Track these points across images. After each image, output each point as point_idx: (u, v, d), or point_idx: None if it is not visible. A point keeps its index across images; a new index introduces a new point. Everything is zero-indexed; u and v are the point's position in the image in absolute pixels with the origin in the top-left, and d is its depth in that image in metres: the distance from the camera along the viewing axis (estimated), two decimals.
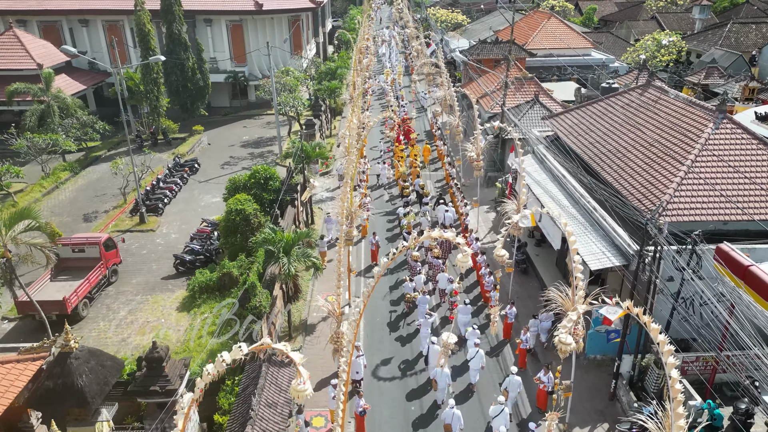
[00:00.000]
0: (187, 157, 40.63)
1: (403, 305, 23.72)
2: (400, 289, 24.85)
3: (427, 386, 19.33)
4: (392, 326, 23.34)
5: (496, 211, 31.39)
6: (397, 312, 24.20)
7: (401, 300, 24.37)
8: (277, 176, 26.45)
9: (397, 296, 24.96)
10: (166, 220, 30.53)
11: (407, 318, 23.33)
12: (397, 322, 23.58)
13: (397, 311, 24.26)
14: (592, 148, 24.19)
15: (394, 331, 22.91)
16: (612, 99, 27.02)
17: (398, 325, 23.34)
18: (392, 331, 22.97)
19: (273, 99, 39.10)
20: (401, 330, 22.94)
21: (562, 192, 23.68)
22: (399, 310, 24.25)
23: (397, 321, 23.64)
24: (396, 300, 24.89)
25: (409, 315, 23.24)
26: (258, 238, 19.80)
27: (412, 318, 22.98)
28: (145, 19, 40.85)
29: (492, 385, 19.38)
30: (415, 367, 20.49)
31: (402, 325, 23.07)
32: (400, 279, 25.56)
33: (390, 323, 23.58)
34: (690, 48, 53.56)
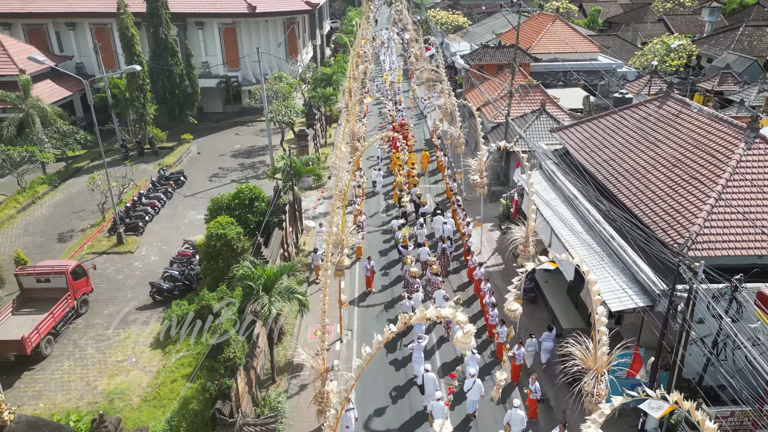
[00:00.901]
0: (173, 168, 38.56)
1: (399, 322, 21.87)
2: (396, 308, 23.20)
3: (423, 418, 17.63)
4: (388, 346, 21.58)
5: (501, 229, 29.31)
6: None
7: (398, 318, 22.52)
8: (264, 196, 24.37)
9: (394, 315, 23.06)
10: (146, 240, 28.46)
11: (404, 339, 21.55)
12: (393, 342, 21.75)
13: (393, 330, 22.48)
14: (606, 167, 22.10)
15: (391, 353, 21.29)
16: (626, 112, 24.94)
17: (395, 345, 21.56)
18: (388, 352, 21.31)
19: (264, 107, 37.01)
20: (397, 352, 21.27)
21: (575, 215, 21.59)
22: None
23: (394, 341, 21.72)
24: (393, 319, 22.87)
25: (406, 335, 21.61)
26: (236, 271, 17.71)
27: (409, 339, 21.26)
28: (129, 22, 38.80)
29: (492, 417, 17.67)
30: (409, 393, 18.85)
31: (398, 346, 21.40)
32: (397, 295, 23.85)
33: (387, 344, 21.76)
34: (701, 52, 51.46)
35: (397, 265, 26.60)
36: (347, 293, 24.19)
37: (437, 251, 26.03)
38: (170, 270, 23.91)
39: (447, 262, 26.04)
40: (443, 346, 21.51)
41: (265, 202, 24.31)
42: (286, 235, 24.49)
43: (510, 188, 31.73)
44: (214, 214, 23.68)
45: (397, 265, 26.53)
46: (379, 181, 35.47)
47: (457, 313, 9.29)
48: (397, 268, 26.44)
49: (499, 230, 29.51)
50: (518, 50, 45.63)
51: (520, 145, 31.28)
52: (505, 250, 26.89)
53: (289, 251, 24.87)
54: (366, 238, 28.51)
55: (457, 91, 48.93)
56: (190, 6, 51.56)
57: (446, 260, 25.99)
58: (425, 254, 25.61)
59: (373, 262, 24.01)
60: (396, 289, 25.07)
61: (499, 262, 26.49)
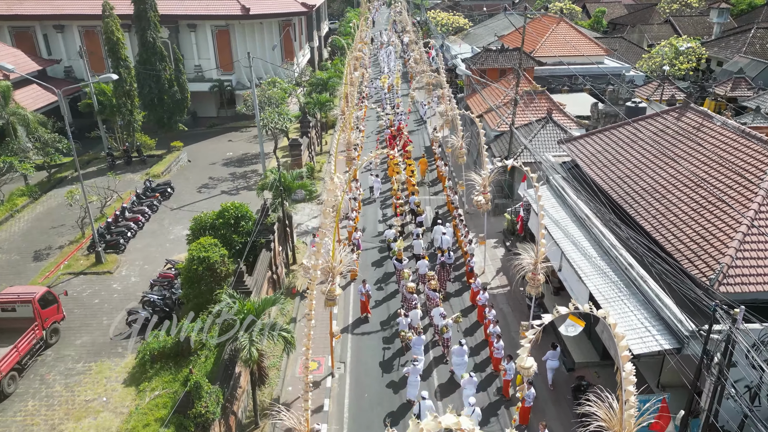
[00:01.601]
0: (161, 178, 36.79)
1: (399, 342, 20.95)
2: (392, 325, 21.99)
3: None
4: (385, 367, 20.29)
5: (505, 246, 27.56)
6: (390, 349, 21.02)
7: (395, 337, 21.30)
8: (251, 215, 22.60)
9: (391, 333, 21.86)
10: (127, 258, 26.70)
11: (401, 358, 20.37)
12: (390, 362, 20.49)
13: (390, 348, 21.05)
14: (621, 185, 20.35)
15: (387, 373, 19.91)
16: (641, 123, 23.18)
17: (391, 365, 20.31)
18: (385, 373, 19.94)
19: (255, 115, 35.28)
20: (394, 372, 19.86)
21: (587, 237, 19.82)
22: (393, 347, 21.06)
23: (390, 361, 20.54)
24: (389, 337, 21.70)
25: (404, 354, 20.45)
26: (212, 308, 15.95)
27: (407, 358, 20.02)
28: (114, 26, 37.04)
29: None
30: (405, 419, 17.39)
31: (395, 366, 20.15)
32: (393, 311, 22.60)
33: (382, 363, 20.42)
34: (710, 55, 49.67)
35: (392, 278, 25.27)
36: (340, 319, 22.48)
37: (436, 263, 24.72)
38: (150, 294, 22.15)
39: (446, 275, 24.65)
40: (441, 367, 20.17)
41: (252, 220, 22.56)
42: (275, 256, 22.73)
43: (515, 201, 30.00)
44: (196, 235, 21.94)
45: (393, 278, 25.23)
46: (376, 187, 34.00)
47: (463, 421, 7.45)
48: (393, 282, 25.09)
49: (503, 247, 27.76)
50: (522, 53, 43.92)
51: (526, 157, 29.57)
52: (510, 270, 25.22)
53: (278, 273, 23.13)
54: (362, 255, 26.80)
55: (458, 96, 47.19)
56: (181, 8, 49.86)
57: (445, 273, 24.62)
58: (424, 267, 24.33)
59: (368, 285, 22.27)
60: (392, 304, 23.70)
61: (504, 284, 24.74)
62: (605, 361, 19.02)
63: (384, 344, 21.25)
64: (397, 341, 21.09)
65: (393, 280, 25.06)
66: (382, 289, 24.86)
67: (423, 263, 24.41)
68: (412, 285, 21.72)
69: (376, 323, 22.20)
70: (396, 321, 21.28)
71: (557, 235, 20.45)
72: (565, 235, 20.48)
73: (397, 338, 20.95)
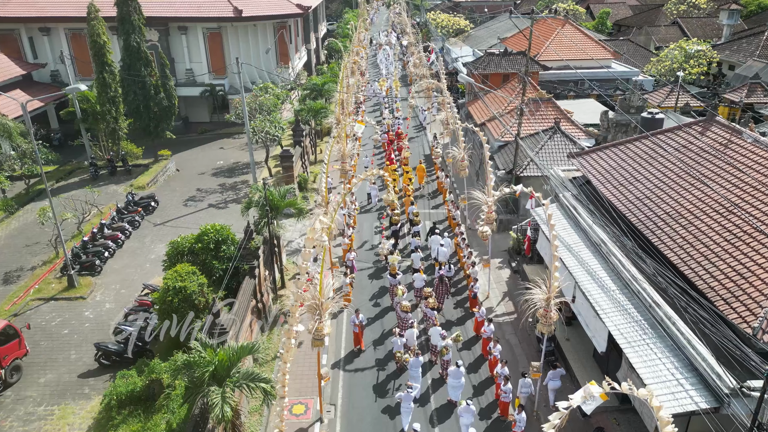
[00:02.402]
0: (147, 189, 34.88)
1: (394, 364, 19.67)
2: (386, 344, 20.66)
3: None
4: (378, 391, 18.82)
5: (511, 267, 25.62)
6: (386, 371, 19.58)
7: (390, 358, 19.94)
8: (233, 238, 20.66)
9: (384, 353, 20.42)
10: (103, 281, 24.77)
11: (397, 380, 19.08)
12: (384, 385, 19.01)
13: (386, 370, 19.65)
14: (641, 207, 18.41)
15: (381, 397, 18.44)
16: (660, 137, 21.24)
17: (386, 389, 18.84)
18: (378, 397, 18.46)
19: (245, 123, 33.36)
20: (389, 397, 18.37)
21: (604, 267, 17.87)
22: (388, 369, 19.68)
23: (384, 384, 19.07)
24: (383, 358, 20.23)
25: (400, 376, 19.18)
26: (178, 360, 13.98)
27: (402, 380, 18.84)
28: (100, 29, 35.13)
29: None
30: None
31: (390, 390, 18.76)
32: (387, 329, 21.32)
33: (376, 386, 18.97)
34: (722, 58, 47.72)
35: (386, 294, 23.83)
36: (331, 352, 20.53)
37: (434, 277, 23.31)
38: (123, 325, 20.21)
39: (445, 290, 23.08)
40: (440, 391, 18.64)
41: (234, 244, 20.62)
42: (260, 283, 20.79)
43: (520, 217, 28.08)
44: (173, 261, 20.02)
45: (387, 293, 23.80)
46: (374, 194, 32.33)
47: None
48: (387, 297, 23.67)
49: (509, 267, 25.81)
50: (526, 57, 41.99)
51: (532, 170, 27.66)
52: (516, 294, 23.32)
53: (264, 301, 21.18)
54: (357, 276, 24.85)
55: (458, 101, 45.28)
56: (172, 10, 48.00)
57: (444, 288, 23.03)
58: (420, 281, 22.87)
59: (362, 315, 20.31)
60: (387, 320, 22.24)
61: (511, 311, 22.78)
62: (625, 405, 17.08)
63: (377, 366, 19.90)
64: (391, 363, 19.76)
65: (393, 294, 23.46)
66: (378, 305, 23.35)
67: (419, 277, 22.98)
68: (406, 304, 20.20)
69: (371, 358, 20.28)
70: (391, 341, 19.86)
71: (570, 263, 18.52)
72: (578, 262, 18.56)
73: (392, 360, 19.69)
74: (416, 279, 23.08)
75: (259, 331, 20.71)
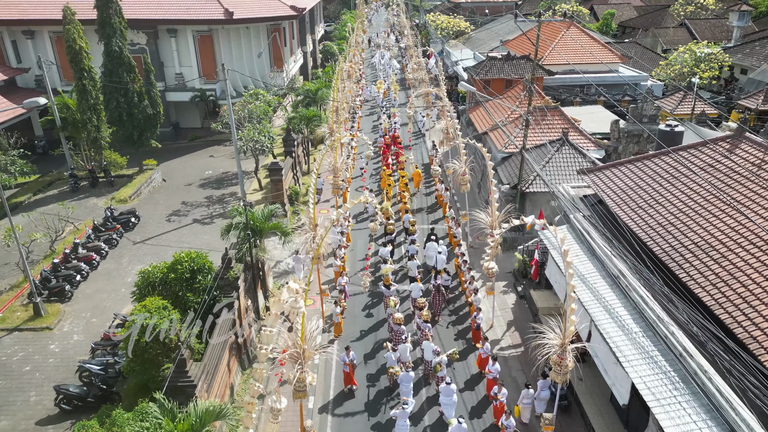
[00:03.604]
0: (129, 203, 32.94)
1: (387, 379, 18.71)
2: (378, 358, 19.78)
3: None
4: (370, 408, 17.76)
5: (517, 292, 23.65)
6: (377, 387, 18.61)
7: (382, 373, 18.98)
8: (210, 266, 18.68)
9: (376, 368, 19.39)
10: (73, 309, 22.80)
11: (390, 396, 18.13)
12: (376, 402, 18.00)
13: (376, 386, 18.66)
14: (664, 235, 16.43)
15: (373, 416, 17.48)
16: (681, 153, 19.27)
17: (378, 406, 17.82)
18: (370, 416, 17.48)
19: (232, 133, 31.38)
20: (381, 414, 17.27)
21: (624, 303, 15.90)
22: (380, 385, 18.69)
23: (377, 401, 18.06)
24: (374, 373, 19.22)
25: (392, 392, 18.25)
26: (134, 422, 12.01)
27: (396, 396, 17.82)
28: (77, 33, 33.17)
29: None
30: None
31: (383, 408, 17.77)
32: (379, 342, 20.35)
33: (368, 403, 17.97)
34: (734, 62, 45.73)
35: (380, 304, 22.67)
36: (319, 392, 18.55)
37: (430, 285, 22.47)
38: (88, 363, 18.25)
39: (442, 300, 21.94)
40: (434, 408, 17.47)
41: (212, 273, 18.65)
42: (240, 316, 18.81)
43: (525, 235, 26.12)
44: (143, 293, 18.02)
45: (381, 304, 22.66)
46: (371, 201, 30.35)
47: None
48: (381, 307, 22.55)
49: (514, 292, 23.84)
50: (530, 62, 40.02)
51: (538, 185, 25.69)
52: (523, 324, 21.39)
53: (245, 335, 19.20)
54: (350, 302, 22.89)
55: (459, 107, 43.33)
56: (160, 12, 46.10)
57: (441, 298, 21.90)
58: (417, 291, 21.88)
59: (353, 353, 18.31)
60: (380, 333, 21.20)
61: (517, 343, 20.80)
62: None
63: (368, 381, 18.85)
64: (383, 378, 18.78)
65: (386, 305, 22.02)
66: (371, 316, 22.36)
67: (416, 286, 22.02)
68: (399, 316, 19.24)
69: (362, 400, 18.32)
70: (384, 356, 18.85)
71: (585, 297, 16.56)
72: (594, 296, 16.59)
73: (384, 375, 18.77)
74: (413, 289, 22.14)
75: (239, 370, 18.74)
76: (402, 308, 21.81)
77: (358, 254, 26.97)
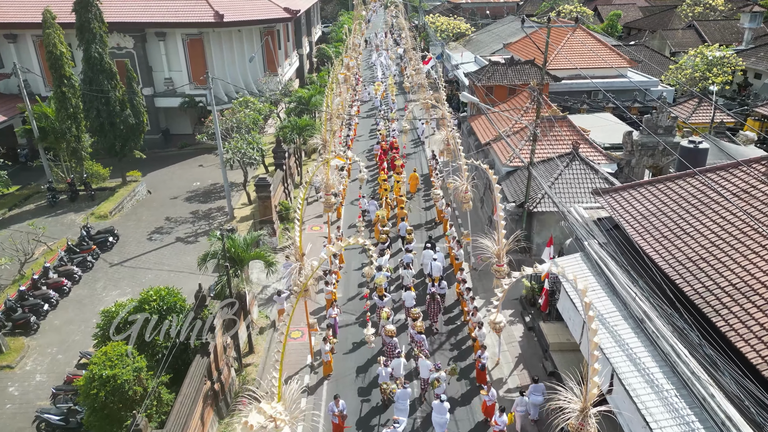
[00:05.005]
0: (109, 219, 30.97)
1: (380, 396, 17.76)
2: (371, 372, 18.81)
3: None
4: (363, 426, 16.83)
5: (525, 323, 21.65)
6: (370, 402, 17.66)
7: (374, 388, 18.07)
8: (183, 304, 16.71)
9: (368, 382, 18.56)
10: (38, 343, 20.83)
11: (383, 415, 17.16)
12: (368, 420, 17.08)
13: (370, 401, 17.72)
14: (696, 273, 14.42)
15: None
16: (710, 176, 17.28)
17: (370, 425, 16.88)
18: None
19: (218, 146, 29.46)
20: None
21: (652, 352, 13.91)
22: (373, 401, 17.72)
23: (369, 418, 17.13)
24: (366, 387, 18.36)
25: (385, 410, 17.30)
26: None
27: (388, 414, 16.88)
28: (57, 38, 31.23)
29: None
30: None
31: (376, 427, 16.86)
32: (372, 356, 19.49)
33: (360, 421, 17.02)
34: (747, 66, 43.75)
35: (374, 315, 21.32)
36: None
37: (426, 293, 21.68)
38: (46, 413, 16.29)
39: (437, 308, 21.08)
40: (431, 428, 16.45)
41: (186, 310, 16.67)
42: (217, 359, 16.82)
43: (534, 257, 24.15)
44: (106, 336, 16.04)
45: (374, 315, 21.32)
46: (372, 210, 29.03)
47: None
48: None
49: (522, 322, 21.84)
50: (534, 67, 38.07)
51: (547, 204, 23.71)
52: (533, 361, 19.44)
53: (222, 380, 17.20)
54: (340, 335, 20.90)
55: (460, 114, 41.36)
56: (147, 14, 44.20)
57: (436, 306, 20.89)
58: (410, 300, 21.11)
59: (342, 402, 16.28)
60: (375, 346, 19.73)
61: (526, 383, 18.78)
62: None
63: (360, 397, 17.95)
64: (375, 392, 17.85)
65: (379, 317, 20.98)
66: (364, 325, 20.59)
67: (409, 295, 21.19)
68: (391, 328, 18.51)
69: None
70: (376, 371, 17.72)
71: (605, 342, 14.55)
72: (615, 341, 14.60)
73: (376, 389, 17.88)
74: (406, 298, 21.25)
75: (215, 420, 16.75)
76: (396, 317, 21.29)
77: (351, 278, 24.99)
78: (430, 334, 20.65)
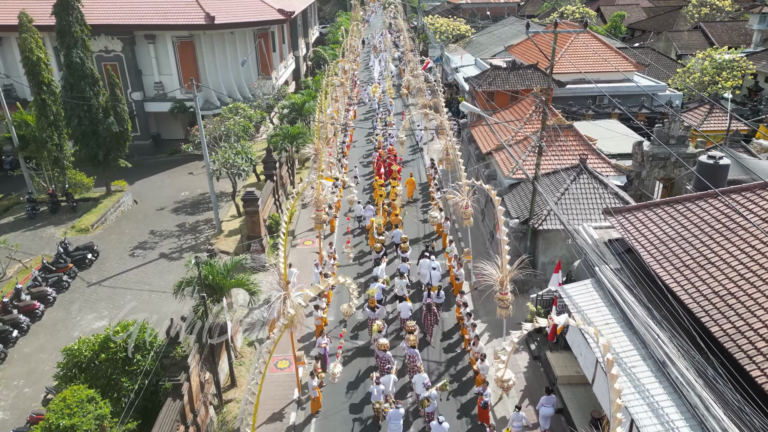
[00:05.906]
0: (90, 233, 29.44)
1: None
2: (363, 388, 18.09)
3: None
4: None
5: (530, 351, 20.10)
6: (361, 421, 16.96)
7: (365, 405, 17.38)
8: (154, 340, 15.14)
9: (360, 398, 17.81)
10: (5, 374, 19.29)
11: None
12: None
13: (361, 419, 17.05)
14: (725, 311, 12.87)
15: None
16: (733, 196, 15.75)
17: None
18: None
19: (204, 156, 27.92)
20: None
21: (675, 400, 12.38)
22: (364, 418, 17.11)
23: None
24: (358, 404, 17.63)
25: (378, 430, 16.77)
26: None
27: None
28: (34, 42, 29.67)
29: None
30: None
31: None
32: (365, 370, 18.84)
33: None
34: (758, 69, 42.20)
35: (365, 328, 20.94)
36: None
37: (422, 304, 20.83)
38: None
39: (434, 320, 20.39)
40: None
41: (157, 345, 15.11)
42: (193, 399, 15.27)
43: (539, 277, 22.63)
44: (67, 378, 14.49)
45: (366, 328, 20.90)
46: (368, 216, 27.90)
47: None
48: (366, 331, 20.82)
49: (527, 350, 20.29)
50: (537, 72, 36.58)
51: (552, 221, 22.16)
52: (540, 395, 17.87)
53: (198, 422, 15.64)
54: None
55: (461, 121, 39.82)
56: (136, 16, 42.67)
57: (432, 318, 20.31)
58: (406, 311, 20.32)
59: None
60: (367, 358, 19.39)
61: (533, 422, 17.24)
62: None
63: (352, 415, 17.23)
64: (367, 408, 17.18)
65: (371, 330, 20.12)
66: (357, 336, 20.89)
67: (405, 305, 20.44)
68: (383, 342, 17.78)
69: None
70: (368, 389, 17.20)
71: (624, 389, 12.98)
72: (635, 386, 13.06)
73: (367, 405, 17.22)
74: (402, 309, 20.44)
75: None
76: (390, 328, 20.66)
77: (343, 298, 23.44)
78: (425, 346, 19.86)
